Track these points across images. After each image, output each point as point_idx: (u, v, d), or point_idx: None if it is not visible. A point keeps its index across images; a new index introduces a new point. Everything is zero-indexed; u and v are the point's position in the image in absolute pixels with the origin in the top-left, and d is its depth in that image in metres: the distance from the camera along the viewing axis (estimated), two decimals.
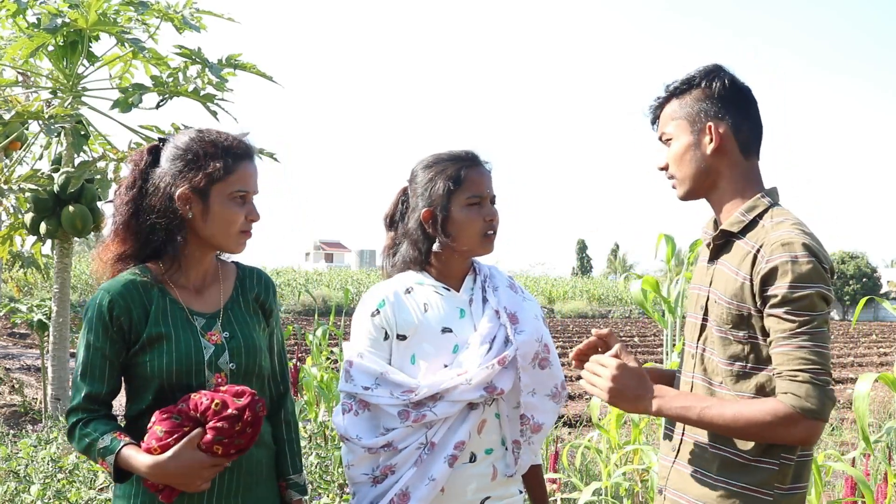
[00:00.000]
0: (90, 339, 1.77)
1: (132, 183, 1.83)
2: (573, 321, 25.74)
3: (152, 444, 1.70)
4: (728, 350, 1.70)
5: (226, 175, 1.81)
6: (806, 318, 1.59)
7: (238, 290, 1.92)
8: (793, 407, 1.56)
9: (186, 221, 1.81)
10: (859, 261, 41.56)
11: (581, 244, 69.87)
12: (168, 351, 1.77)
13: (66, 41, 5.52)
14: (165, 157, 1.83)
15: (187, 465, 1.68)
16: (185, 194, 1.79)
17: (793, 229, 1.65)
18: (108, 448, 1.72)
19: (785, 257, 1.60)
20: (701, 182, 1.78)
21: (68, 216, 5.83)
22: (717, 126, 1.75)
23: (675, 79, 1.82)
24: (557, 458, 4.17)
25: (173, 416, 1.72)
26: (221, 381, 1.81)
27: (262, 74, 5.65)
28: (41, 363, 7.54)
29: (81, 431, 1.75)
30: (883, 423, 6.96)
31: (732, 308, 1.68)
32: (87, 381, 1.77)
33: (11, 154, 6.40)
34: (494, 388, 1.94)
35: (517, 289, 2.13)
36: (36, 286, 17.37)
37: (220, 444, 1.71)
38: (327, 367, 5.67)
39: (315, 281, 33.23)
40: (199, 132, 1.86)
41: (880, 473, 4.15)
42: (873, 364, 14.96)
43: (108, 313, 1.76)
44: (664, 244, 3.82)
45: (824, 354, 1.59)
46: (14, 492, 3.52)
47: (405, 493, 1.92)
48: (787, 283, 1.59)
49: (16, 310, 7.15)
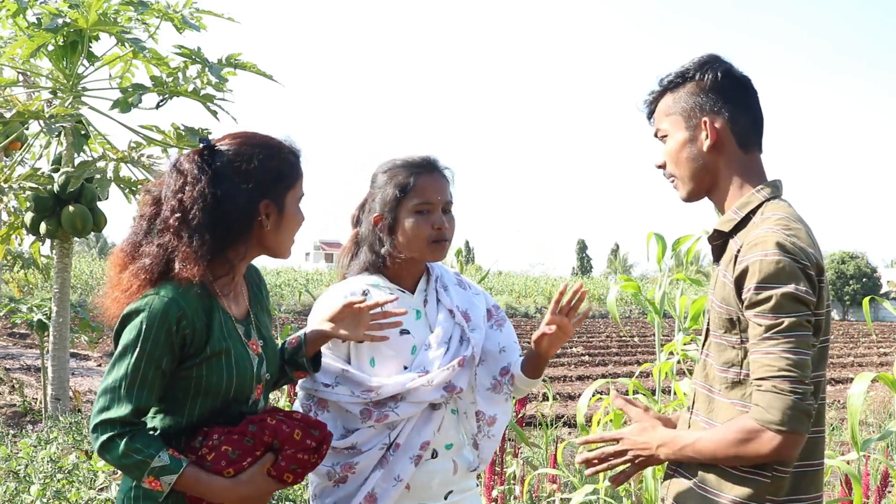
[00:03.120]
0: (146, 348, 1.61)
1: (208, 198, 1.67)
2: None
3: (223, 465, 1.65)
4: (722, 356, 1.63)
5: (298, 180, 1.78)
6: (772, 322, 1.49)
7: (251, 289, 1.88)
8: (755, 420, 1.48)
9: (258, 232, 1.73)
10: (859, 261, 41.56)
11: (581, 244, 69.87)
12: (228, 366, 1.70)
13: (67, 41, 5.51)
14: (235, 166, 1.70)
15: (257, 490, 1.68)
16: (267, 205, 1.72)
17: (773, 226, 1.55)
18: (167, 467, 1.60)
19: (755, 256, 1.52)
20: (701, 180, 1.70)
21: (68, 216, 5.82)
22: (712, 121, 1.67)
23: (669, 72, 1.74)
24: (556, 458, 4.17)
25: (246, 439, 1.68)
26: (259, 392, 1.79)
27: (262, 74, 5.65)
28: (41, 363, 7.54)
29: (129, 447, 1.60)
30: (883, 423, 6.96)
31: (723, 312, 1.61)
32: (135, 393, 1.61)
33: (12, 154, 6.40)
34: (454, 388, 2.00)
35: (465, 284, 2.17)
36: (36, 286, 17.36)
37: (292, 473, 1.71)
38: None
39: (315, 281, 33.19)
40: (260, 138, 1.77)
41: (880, 473, 4.15)
42: (873, 364, 14.96)
43: (175, 324, 1.63)
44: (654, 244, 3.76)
45: (794, 360, 1.47)
46: (14, 492, 3.52)
47: (372, 494, 1.95)
48: (753, 284, 1.51)
49: (16, 310, 7.15)
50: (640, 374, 5.62)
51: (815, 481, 1.62)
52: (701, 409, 1.69)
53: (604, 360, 14.29)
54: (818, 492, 1.63)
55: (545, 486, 4.43)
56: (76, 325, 7.22)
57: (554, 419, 6.91)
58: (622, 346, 17.01)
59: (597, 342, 17.96)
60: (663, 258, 3.70)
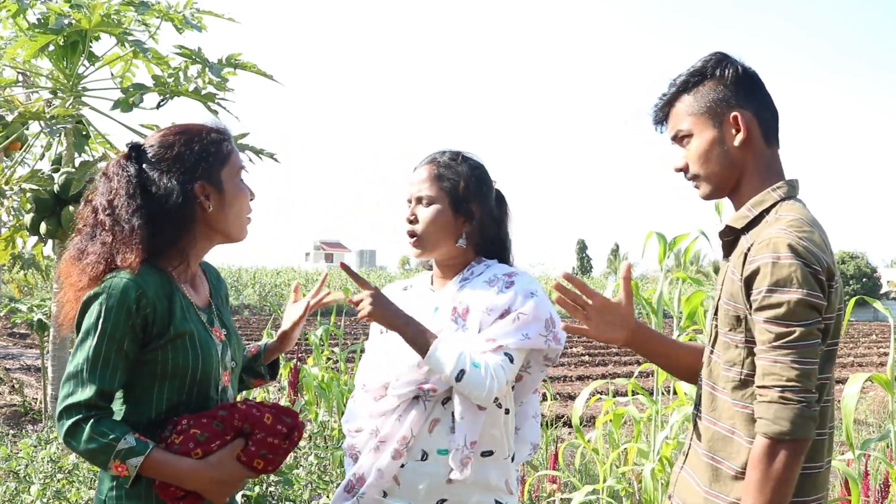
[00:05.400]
0: (106, 329, 1.61)
1: (133, 190, 1.71)
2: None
3: (191, 446, 1.63)
4: (727, 354, 1.61)
5: (230, 157, 1.79)
6: (783, 330, 1.47)
7: (213, 285, 1.91)
8: (765, 435, 1.47)
9: (202, 216, 1.75)
10: (859, 261, 41.56)
11: (581, 244, 69.83)
12: (193, 347, 1.70)
13: (67, 41, 5.51)
14: (160, 157, 1.74)
15: (227, 474, 1.66)
16: (203, 187, 1.74)
17: (786, 227, 1.53)
18: (133, 450, 1.59)
19: (767, 258, 1.49)
20: (728, 178, 1.66)
21: (68, 216, 5.82)
22: (741, 115, 1.62)
23: (680, 73, 1.69)
24: (557, 458, 4.18)
25: (215, 423, 1.67)
26: (227, 378, 1.80)
27: (262, 73, 5.65)
28: (41, 363, 7.54)
29: (94, 430, 1.59)
30: (883, 423, 6.95)
31: (730, 309, 1.60)
32: (97, 375, 1.61)
33: (12, 154, 6.40)
34: (423, 384, 1.99)
35: (497, 281, 2.05)
36: (36, 286, 17.36)
37: (262, 459, 1.69)
38: (327, 368, 5.67)
39: (315, 281, 33.17)
40: (181, 126, 1.81)
41: (881, 473, 4.15)
42: (873, 364, 14.95)
43: (134, 303, 1.63)
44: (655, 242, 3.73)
45: (803, 370, 1.47)
46: (14, 492, 3.52)
47: (361, 477, 2.04)
48: (765, 287, 1.49)
49: (16, 310, 7.15)
50: (639, 375, 5.63)
51: (818, 483, 1.60)
52: (705, 407, 1.68)
53: (604, 360, 14.29)
54: (822, 492, 1.61)
55: (545, 487, 4.44)
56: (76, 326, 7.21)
57: (554, 419, 6.91)
58: (622, 346, 17.00)
59: (597, 342, 17.94)
60: (664, 258, 3.69)
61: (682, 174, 1.72)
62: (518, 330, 1.97)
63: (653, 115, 1.75)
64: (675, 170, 1.72)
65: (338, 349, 6.17)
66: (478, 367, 1.91)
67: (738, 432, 1.60)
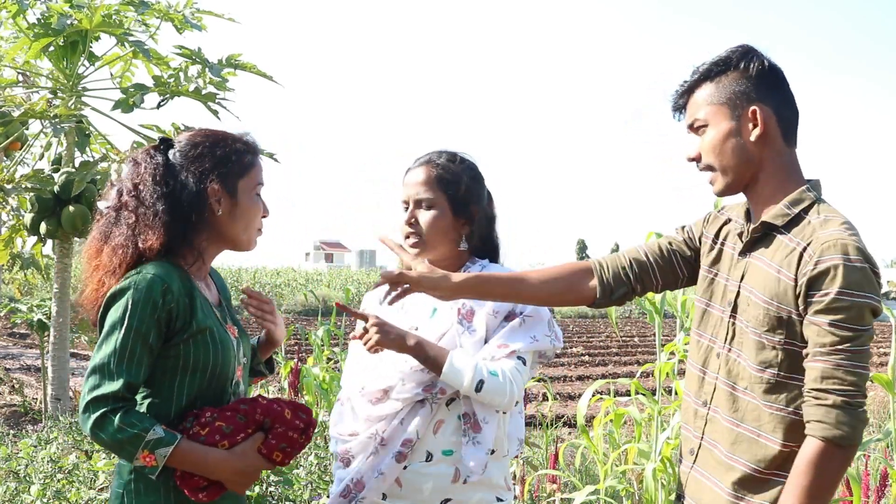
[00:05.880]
0: (133, 324, 1.65)
1: (160, 177, 1.77)
2: (573, 321, 25.70)
3: (217, 438, 1.70)
4: (760, 355, 1.56)
5: (250, 169, 1.84)
6: (850, 334, 1.44)
7: (219, 286, 1.97)
8: (824, 439, 1.44)
9: (212, 218, 1.80)
10: None
11: (581, 244, 69.89)
12: (213, 342, 1.75)
13: (67, 41, 5.52)
14: (185, 154, 1.80)
15: (251, 465, 1.73)
16: (216, 190, 1.79)
17: (843, 229, 1.50)
18: (162, 440, 1.62)
19: (837, 259, 1.46)
20: (743, 173, 1.62)
21: (68, 216, 5.83)
22: (761, 110, 1.59)
23: (704, 61, 1.64)
24: (557, 458, 4.18)
25: (238, 416, 1.74)
26: (239, 374, 1.86)
27: (262, 74, 5.65)
28: (41, 363, 7.54)
29: (124, 421, 1.61)
30: (883, 423, 6.95)
31: (771, 309, 1.54)
32: (125, 368, 1.64)
33: (12, 154, 6.40)
34: (433, 387, 1.97)
35: None
36: (36, 286, 17.36)
37: (281, 452, 1.76)
38: (328, 368, 5.67)
39: (315, 281, 33.20)
40: (212, 131, 1.87)
41: (879, 473, 4.15)
42: (873, 364, 14.95)
43: (160, 298, 1.67)
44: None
45: (863, 375, 1.45)
46: (14, 492, 3.52)
47: (360, 481, 2.01)
48: (836, 289, 1.45)
49: (16, 310, 7.15)
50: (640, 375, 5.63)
51: None
52: (722, 406, 1.63)
53: (604, 360, 14.28)
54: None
55: (545, 487, 4.44)
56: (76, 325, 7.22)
57: (554, 419, 6.91)
58: (622, 346, 17.00)
59: (597, 342, 17.94)
60: None
61: (695, 164, 1.69)
62: (526, 333, 2.00)
63: (672, 102, 1.71)
64: (688, 159, 1.69)
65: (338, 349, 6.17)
66: (495, 374, 1.93)
67: (765, 434, 1.56)
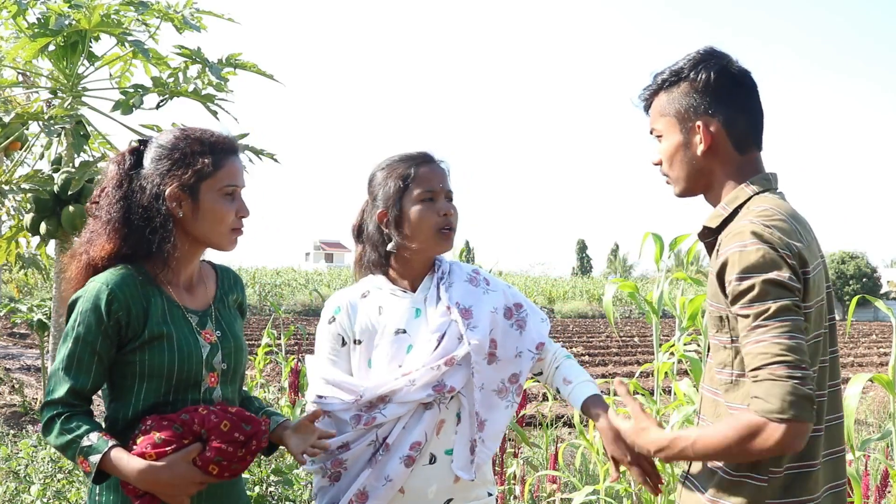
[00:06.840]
0: (80, 332, 1.70)
1: (119, 182, 1.78)
2: (573, 321, 25.72)
3: (147, 448, 1.66)
4: (717, 356, 1.58)
5: (214, 171, 1.79)
6: (759, 310, 1.42)
7: (221, 289, 1.93)
8: (755, 413, 1.39)
9: (177, 220, 1.78)
10: (859, 261, 41.61)
11: (581, 244, 69.88)
12: (170, 349, 1.73)
13: (67, 41, 5.52)
14: (150, 157, 1.80)
15: (180, 477, 1.67)
16: (175, 193, 1.77)
17: (753, 217, 1.51)
18: (93, 447, 1.65)
19: (733, 248, 1.47)
20: (696, 183, 1.67)
21: (68, 216, 5.82)
22: (707, 124, 1.61)
23: (664, 68, 1.68)
24: (557, 458, 4.18)
25: (175, 426, 1.69)
26: (214, 380, 1.81)
27: (262, 73, 5.65)
28: (41, 363, 7.55)
29: (64, 426, 1.67)
30: (883, 423, 6.96)
31: (714, 310, 1.57)
32: (71, 375, 1.70)
33: (12, 155, 6.40)
34: (444, 387, 1.94)
35: (478, 281, 2.10)
36: (36, 286, 17.36)
37: (217, 465, 1.70)
38: None
39: (315, 281, 33.21)
40: (183, 131, 1.84)
41: (880, 473, 4.15)
42: (873, 364, 14.95)
43: (105, 307, 1.70)
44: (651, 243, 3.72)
45: (788, 345, 1.39)
46: (14, 492, 3.52)
47: (363, 492, 1.94)
48: (735, 275, 1.46)
49: (16, 310, 7.16)
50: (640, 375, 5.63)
51: (810, 483, 1.55)
52: (707, 413, 1.65)
53: (604, 360, 14.29)
54: (816, 493, 1.56)
55: (545, 487, 4.44)
56: None
57: (554, 419, 6.91)
58: (622, 346, 17.01)
59: (597, 342, 17.96)
60: (661, 258, 3.69)
61: (659, 168, 1.74)
62: (542, 322, 2.17)
63: (640, 105, 1.76)
64: (652, 164, 1.75)
65: None
66: (570, 357, 2.28)
67: None
